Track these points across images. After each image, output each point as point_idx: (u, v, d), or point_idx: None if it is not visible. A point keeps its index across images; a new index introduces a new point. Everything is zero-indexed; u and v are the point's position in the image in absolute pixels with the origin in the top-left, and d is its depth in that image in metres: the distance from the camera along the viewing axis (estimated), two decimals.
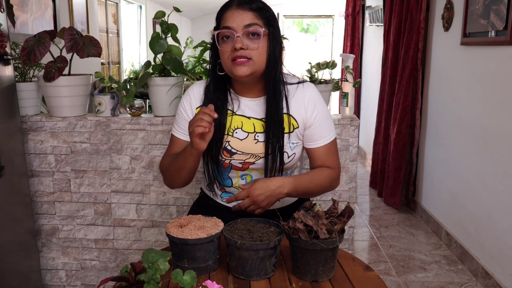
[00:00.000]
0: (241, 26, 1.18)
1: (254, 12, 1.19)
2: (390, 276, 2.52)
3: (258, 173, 1.32)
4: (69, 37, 1.77)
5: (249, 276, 1.03)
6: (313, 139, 1.31)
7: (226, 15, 1.20)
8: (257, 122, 1.28)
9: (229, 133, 1.28)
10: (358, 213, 3.47)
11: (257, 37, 1.19)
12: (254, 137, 1.28)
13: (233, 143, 1.28)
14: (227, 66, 1.22)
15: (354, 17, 5.37)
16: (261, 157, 1.28)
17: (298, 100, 1.29)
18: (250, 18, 1.18)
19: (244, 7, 1.19)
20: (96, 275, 2.09)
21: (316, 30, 9.44)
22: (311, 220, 1.02)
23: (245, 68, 1.19)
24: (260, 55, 1.20)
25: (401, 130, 3.44)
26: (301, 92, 1.29)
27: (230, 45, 1.19)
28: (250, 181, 1.33)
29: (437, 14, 3.12)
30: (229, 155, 1.29)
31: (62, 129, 1.94)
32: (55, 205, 2.02)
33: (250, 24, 1.18)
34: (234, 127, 1.29)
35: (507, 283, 2.20)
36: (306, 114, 1.28)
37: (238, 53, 1.18)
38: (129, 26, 6.42)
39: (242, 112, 1.29)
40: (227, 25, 1.19)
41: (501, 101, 2.27)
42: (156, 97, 1.90)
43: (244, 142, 1.28)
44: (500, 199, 2.28)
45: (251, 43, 1.19)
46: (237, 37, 1.17)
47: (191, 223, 1.11)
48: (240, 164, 1.30)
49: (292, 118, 1.28)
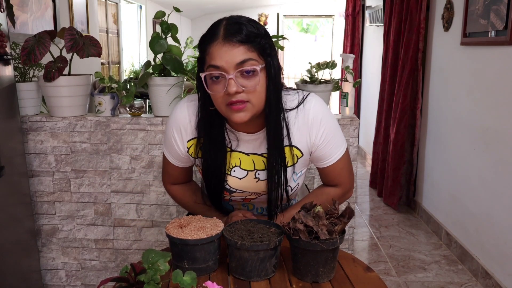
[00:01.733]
0: (232, 65, 0.99)
1: (245, 45, 0.99)
2: (390, 276, 2.52)
3: (261, 204, 1.27)
4: (69, 37, 1.76)
5: (249, 277, 1.03)
6: (323, 159, 1.18)
7: (212, 50, 1.00)
8: (257, 158, 1.16)
9: (226, 172, 1.17)
10: (358, 213, 3.47)
11: (254, 74, 1.01)
12: (254, 176, 1.17)
13: (232, 183, 1.18)
14: (221, 111, 1.06)
15: (354, 17, 5.37)
16: (262, 194, 1.20)
17: (300, 126, 1.13)
18: (242, 53, 0.99)
19: (232, 40, 0.98)
20: (96, 275, 2.09)
21: (316, 30, 9.44)
22: (312, 220, 1.01)
23: (243, 114, 1.03)
24: (259, 94, 1.04)
25: (400, 130, 3.44)
26: (303, 116, 1.13)
27: (222, 87, 1.01)
28: (252, 209, 1.29)
29: (437, 14, 3.12)
30: (228, 193, 1.22)
31: (62, 129, 1.94)
32: (55, 205, 2.02)
33: (243, 61, 0.99)
34: (232, 165, 1.17)
35: (507, 283, 2.20)
36: (310, 138, 1.14)
37: (234, 99, 1.01)
38: (129, 26, 6.42)
39: (240, 149, 1.16)
40: (215, 64, 0.99)
41: (501, 101, 2.27)
42: (156, 97, 1.90)
43: (244, 181, 1.18)
44: (500, 199, 2.27)
45: (247, 83, 1.01)
46: (230, 79, 0.99)
47: (191, 223, 1.11)
48: (240, 199, 1.25)
49: (296, 148, 1.15)
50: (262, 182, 1.18)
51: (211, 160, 1.15)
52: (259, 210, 1.30)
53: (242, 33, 0.99)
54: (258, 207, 1.29)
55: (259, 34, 1.02)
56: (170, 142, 1.19)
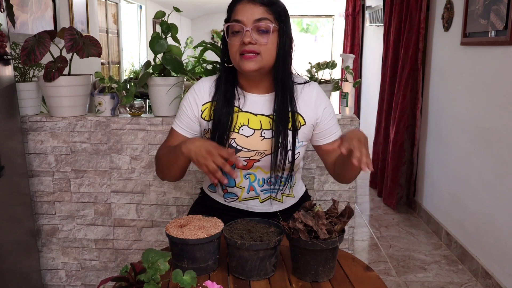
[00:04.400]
0: (251, 20, 1.17)
1: (265, 7, 1.18)
2: (390, 276, 2.52)
3: (262, 172, 1.30)
4: (69, 37, 1.76)
5: (249, 276, 1.03)
6: (326, 134, 1.31)
7: (237, 8, 1.19)
8: (263, 118, 1.27)
9: (234, 130, 1.27)
10: (358, 213, 3.47)
11: (267, 32, 1.18)
12: (260, 134, 1.26)
13: (239, 140, 1.27)
14: (235, 60, 1.21)
15: (354, 17, 5.37)
16: (266, 154, 1.27)
17: (305, 98, 1.28)
18: (261, 12, 1.17)
19: (255, 1, 1.18)
20: (96, 275, 2.09)
21: (316, 30, 9.44)
22: (311, 220, 1.02)
23: (253, 63, 1.18)
24: (269, 50, 1.19)
25: (399, 130, 3.44)
26: (308, 91, 1.29)
27: (239, 39, 1.18)
28: (254, 180, 1.32)
29: (437, 14, 3.12)
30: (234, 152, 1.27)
31: (62, 129, 1.94)
32: (55, 205, 2.02)
33: (260, 18, 1.17)
34: (240, 124, 1.27)
35: (507, 283, 2.20)
36: (315, 111, 1.28)
37: (247, 48, 1.17)
38: (129, 26, 6.42)
39: (248, 109, 1.28)
40: (237, 18, 1.18)
41: (501, 101, 2.27)
42: (156, 97, 1.90)
43: (250, 139, 1.27)
44: (500, 199, 2.27)
45: (260, 38, 1.18)
46: (246, 31, 1.17)
47: (191, 223, 1.11)
48: (244, 162, 1.28)
49: (299, 115, 1.27)
50: (267, 140, 1.26)
51: (220, 114, 1.25)
52: (260, 183, 1.32)
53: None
54: (259, 177, 1.31)
55: (278, 3, 1.21)
56: (184, 109, 1.31)
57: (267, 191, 1.33)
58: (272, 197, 1.34)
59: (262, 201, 1.34)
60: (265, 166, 1.29)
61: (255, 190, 1.32)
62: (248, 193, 1.33)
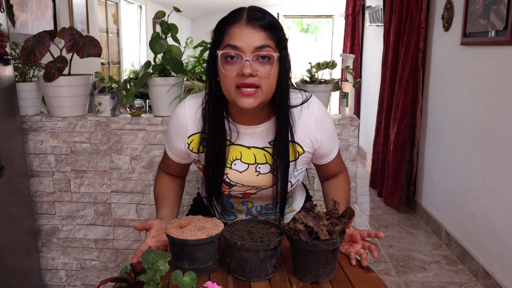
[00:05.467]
0: (251, 48, 1.00)
1: (266, 32, 1.02)
2: (390, 276, 2.52)
3: (261, 201, 1.26)
4: (69, 37, 1.76)
5: (249, 277, 1.03)
6: (324, 156, 1.24)
7: (232, 31, 1.02)
8: (258, 152, 1.16)
9: (226, 165, 1.16)
10: (358, 213, 3.47)
11: (269, 61, 1.02)
12: (255, 169, 1.17)
13: (232, 176, 1.18)
14: (229, 93, 1.05)
15: (354, 17, 5.37)
16: (263, 188, 1.20)
17: (304, 125, 1.16)
18: (262, 38, 1.01)
19: (255, 24, 1.01)
20: (96, 275, 2.09)
21: (316, 30, 9.43)
22: (312, 221, 1.01)
23: (252, 100, 1.03)
24: (271, 83, 1.05)
25: (400, 130, 3.44)
26: (307, 115, 1.16)
27: (236, 69, 1.01)
28: (251, 207, 1.28)
29: (437, 14, 3.12)
30: (227, 187, 1.20)
31: (62, 129, 1.94)
32: (55, 205, 2.02)
33: (263, 46, 1.01)
34: (232, 159, 1.17)
35: (507, 283, 2.20)
36: (313, 138, 1.18)
37: (246, 81, 1.01)
38: (129, 26, 6.42)
39: (240, 142, 1.16)
40: (234, 44, 1.01)
41: (501, 101, 2.27)
42: (156, 97, 1.90)
43: (244, 174, 1.17)
44: (500, 199, 2.27)
45: (261, 69, 1.02)
46: (246, 61, 1.00)
47: (191, 223, 1.11)
48: (240, 194, 1.23)
49: (298, 145, 1.17)
50: (263, 176, 1.18)
51: (212, 150, 1.15)
52: (258, 209, 1.29)
53: (266, 19, 1.02)
54: (257, 205, 1.28)
55: (279, 26, 1.06)
56: (171, 140, 1.22)
57: (266, 214, 1.31)
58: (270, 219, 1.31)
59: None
60: (262, 197, 1.24)
61: (253, 214, 1.30)
62: (246, 216, 1.31)
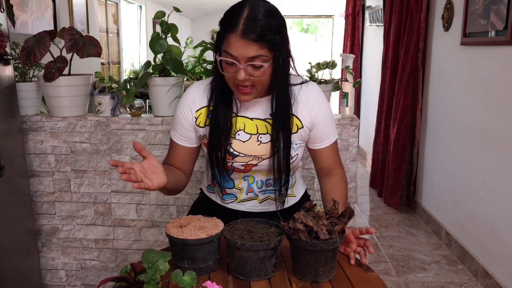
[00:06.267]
0: (244, 58, 1.11)
1: (257, 43, 1.10)
2: (390, 276, 2.52)
3: (261, 174, 1.31)
4: (69, 37, 1.76)
5: (249, 276, 1.03)
6: (320, 140, 1.29)
7: (229, 39, 1.11)
8: (260, 122, 1.26)
9: (231, 136, 1.25)
10: (358, 213, 3.47)
11: (262, 67, 1.13)
12: (257, 139, 1.25)
13: (236, 146, 1.26)
14: (230, 87, 1.20)
15: (354, 17, 5.37)
16: (264, 158, 1.26)
17: (302, 101, 1.26)
18: (254, 50, 1.10)
19: (248, 38, 1.09)
20: (96, 275, 2.09)
21: (316, 30, 9.44)
22: (312, 220, 1.01)
23: (247, 97, 1.18)
24: (264, 82, 1.17)
25: (400, 130, 3.44)
26: (306, 93, 1.26)
27: (233, 71, 1.14)
28: (252, 182, 1.32)
29: (437, 14, 3.12)
30: (231, 157, 1.26)
31: (62, 129, 1.94)
32: (55, 205, 2.02)
33: (255, 56, 1.11)
34: (237, 129, 1.26)
35: (507, 283, 2.20)
36: (311, 114, 1.26)
37: (241, 84, 1.15)
38: (129, 26, 6.42)
39: (244, 113, 1.26)
40: (230, 52, 1.12)
41: (501, 101, 2.27)
42: (156, 97, 1.90)
43: (247, 144, 1.25)
44: (500, 199, 2.27)
45: (255, 73, 1.13)
46: (240, 68, 1.12)
47: (191, 223, 1.11)
48: (242, 167, 1.28)
49: (297, 118, 1.26)
50: (263, 145, 1.25)
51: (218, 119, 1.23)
52: (259, 184, 1.32)
53: (257, 31, 1.10)
54: (258, 179, 1.31)
55: (272, 30, 1.12)
56: (178, 119, 1.29)
57: (266, 192, 1.33)
58: (270, 197, 1.34)
59: (261, 201, 1.35)
60: (263, 169, 1.29)
61: (254, 191, 1.33)
62: (247, 195, 1.33)
